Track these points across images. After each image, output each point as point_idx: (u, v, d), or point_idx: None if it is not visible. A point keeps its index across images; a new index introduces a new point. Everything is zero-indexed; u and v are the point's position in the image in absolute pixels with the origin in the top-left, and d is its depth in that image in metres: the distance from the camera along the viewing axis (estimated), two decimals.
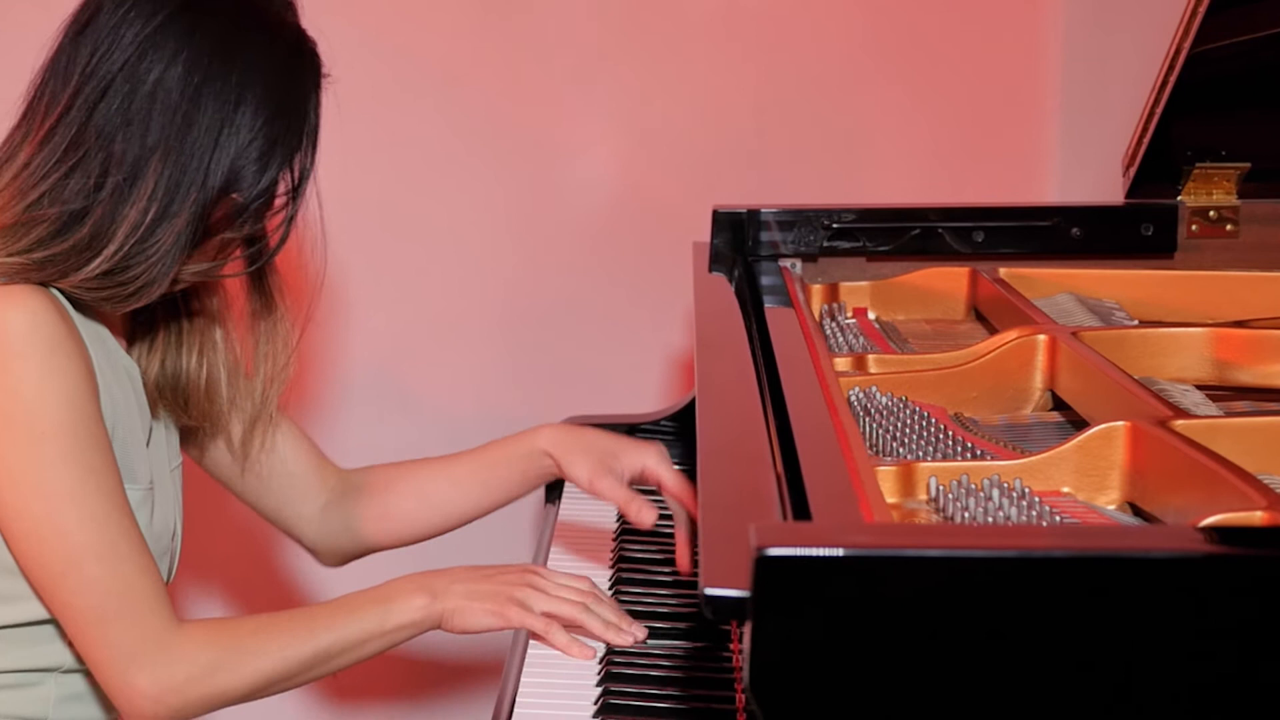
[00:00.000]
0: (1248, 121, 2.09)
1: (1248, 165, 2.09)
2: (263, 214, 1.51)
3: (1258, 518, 1.15)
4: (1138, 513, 1.36)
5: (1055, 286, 2.04)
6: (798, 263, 2.10)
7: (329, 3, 1.60)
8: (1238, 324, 1.87)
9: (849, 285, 2.10)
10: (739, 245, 2.09)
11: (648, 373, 2.58)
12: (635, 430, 2.12)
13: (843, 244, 2.11)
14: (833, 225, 2.10)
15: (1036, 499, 1.31)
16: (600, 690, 1.45)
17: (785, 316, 1.79)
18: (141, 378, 1.60)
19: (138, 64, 1.45)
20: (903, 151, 2.57)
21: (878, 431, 1.52)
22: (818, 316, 2.02)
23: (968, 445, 1.47)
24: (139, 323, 1.61)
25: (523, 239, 2.54)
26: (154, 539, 1.56)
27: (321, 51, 1.55)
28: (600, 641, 1.53)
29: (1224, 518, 1.17)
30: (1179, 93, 1.97)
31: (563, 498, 2.01)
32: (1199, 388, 1.65)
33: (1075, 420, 1.61)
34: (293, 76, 1.50)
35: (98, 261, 1.44)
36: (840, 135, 2.56)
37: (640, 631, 1.54)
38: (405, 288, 2.54)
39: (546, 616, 1.52)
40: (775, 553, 0.92)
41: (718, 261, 2.09)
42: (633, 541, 1.84)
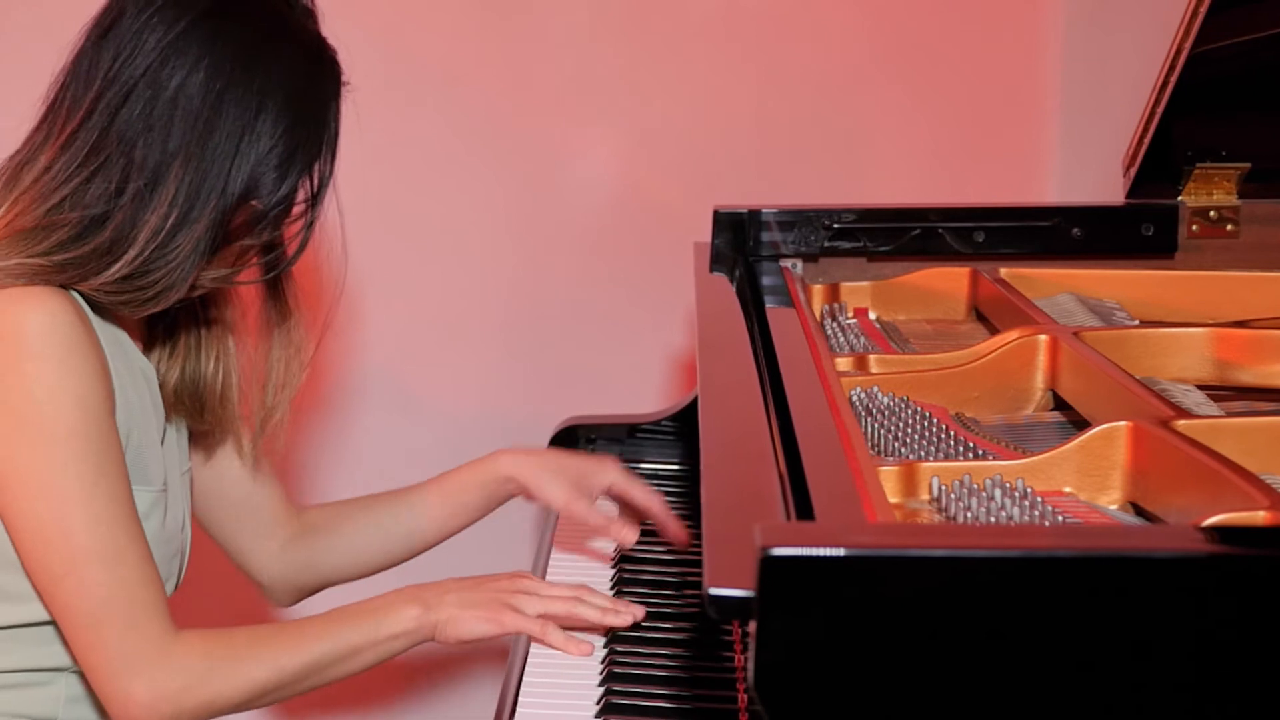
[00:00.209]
0: (1248, 122, 2.09)
1: (1248, 165, 2.09)
2: (281, 221, 1.52)
3: (1260, 517, 1.15)
4: (1140, 513, 1.36)
5: (1056, 287, 2.04)
6: (799, 263, 2.10)
7: (329, 4, 1.60)
8: (1238, 324, 1.87)
9: (850, 285, 2.11)
10: (740, 245, 2.10)
11: (648, 373, 2.58)
12: (636, 430, 2.13)
13: (843, 244, 2.11)
14: (833, 225, 2.11)
15: (1039, 499, 1.31)
16: (602, 690, 1.45)
17: (786, 317, 1.79)
18: (159, 381, 1.60)
19: (160, 69, 1.45)
20: (903, 151, 2.57)
21: (879, 431, 1.52)
22: (819, 317, 2.02)
23: (969, 445, 1.48)
24: (159, 328, 1.61)
25: (523, 239, 2.54)
26: (166, 540, 1.56)
27: (338, 59, 1.56)
28: (601, 631, 1.53)
29: (1226, 517, 1.17)
30: (1180, 93, 1.98)
31: None
32: (1200, 388, 1.65)
33: (1076, 420, 1.61)
34: (313, 85, 1.51)
35: (118, 266, 1.45)
36: (840, 135, 2.56)
37: (638, 610, 1.54)
38: (406, 288, 2.54)
39: (541, 618, 1.53)
40: (780, 553, 0.92)
41: (719, 262, 2.09)
42: (635, 541, 1.84)
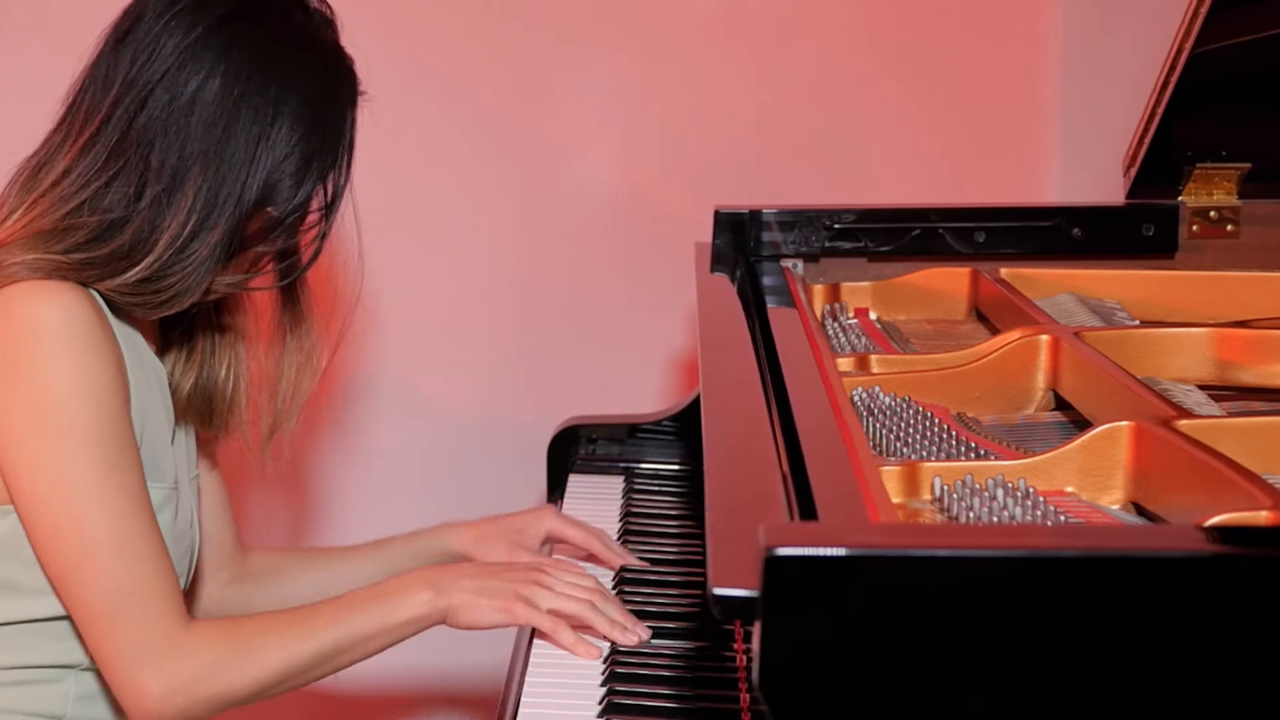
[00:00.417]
0: (1248, 122, 2.10)
1: (1248, 165, 2.09)
2: (296, 229, 1.53)
3: (1262, 517, 1.15)
4: (1141, 512, 1.36)
5: (1056, 287, 2.04)
6: (799, 263, 2.10)
7: (335, 3, 1.61)
8: (1239, 324, 1.88)
9: (850, 285, 2.11)
10: (741, 246, 2.10)
11: (649, 373, 2.58)
12: (637, 430, 2.13)
13: (844, 244, 2.11)
14: (834, 226, 2.11)
15: (1041, 499, 1.32)
16: (605, 690, 1.45)
17: (788, 317, 1.79)
18: (172, 385, 1.61)
19: (177, 74, 1.46)
20: (903, 151, 2.57)
21: (881, 432, 1.53)
22: (819, 317, 2.02)
23: (971, 445, 1.48)
24: (173, 333, 1.62)
25: (524, 240, 2.54)
26: (177, 537, 1.57)
27: (354, 69, 1.57)
28: (606, 640, 1.53)
29: (1229, 517, 1.17)
30: (1180, 93, 1.98)
31: (565, 498, 2.02)
32: (1201, 388, 1.66)
33: (1078, 420, 1.62)
34: (329, 93, 1.52)
35: (137, 269, 1.46)
36: (841, 135, 2.56)
37: (645, 632, 1.54)
38: (407, 289, 2.54)
39: (553, 614, 1.53)
40: (785, 553, 0.92)
41: (720, 262, 2.10)
42: (636, 542, 1.84)
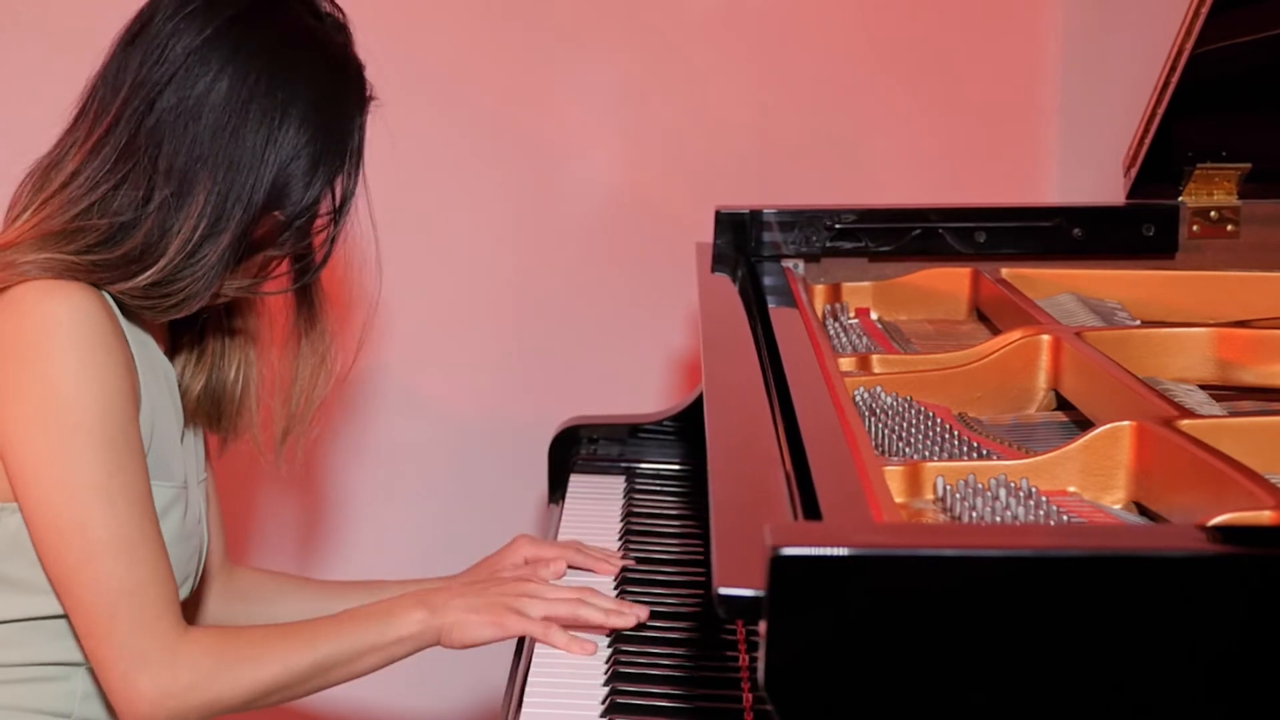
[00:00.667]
0: (1248, 122, 2.10)
1: (1248, 166, 2.09)
2: (305, 232, 1.53)
3: (1265, 517, 1.15)
4: (1143, 512, 1.36)
5: (1057, 287, 2.04)
6: (800, 263, 2.10)
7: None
8: (1239, 324, 1.88)
9: (851, 285, 2.11)
10: (742, 246, 2.10)
11: (649, 373, 2.58)
12: (638, 430, 2.13)
13: (845, 244, 2.11)
14: (835, 226, 2.11)
15: (1044, 498, 1.32)
16: (607, 690, 1.46)
17: (789, 317, 1.79)
18: (182, 386, 1.61)
19: (185, 76, 1.46)
20: (903, 151, 2.57)
21: (883, 431, 1.53)
22: (820, 317, 2.03)
23: (973, 445, 1.48)
24: (184, 335, 1.63)
25: (525, 240, 2.54)
26: (185, 537, 1.57)
27: (364, 73, 1.57)
28: (604, 631, 1.53)
29: (1231, 517, 1.17)
30: (1180, 94, 1.98)
31: (566, 498, 2.02)
32: (1202, 388, 1.66)
33: (1079, 420, 1.62)
34: (337, 96, 1.52)
35: (148, 274, 1.46)
36: (841, 135, 2.56)
37: (642, 611, 1.54)
38: (408, 289, 2.53)
39: (545, 620, 1.53)
40: (791, 552, 0.92)
41: (721, 262, 2.10)
42: (638, 541, 1.84)
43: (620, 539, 1.86)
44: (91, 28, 1.56)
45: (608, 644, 1.53)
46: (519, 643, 1.58)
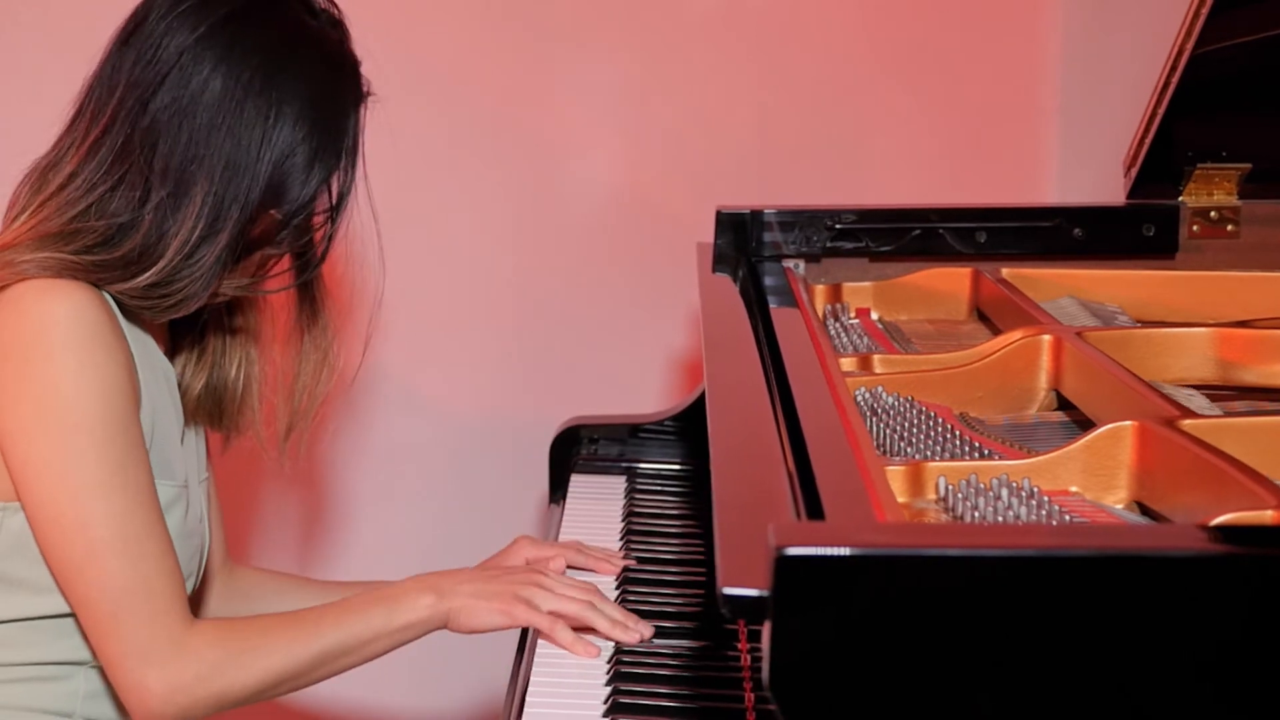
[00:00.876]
0: (1248, 122, 2.10)
1: (1248, 166, 2.10)
2: (303, 230, 1.53)
3: (1267, 516, 1.15)
4: (1145, 512, 1.36)
5: (1057, 287, 2.05)
6: (801, 263, 2.11)
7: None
8: (1240, 324, 1.88)
9: (852, 286, 2.11)
10: (742, 246, 2.10)
11: (649, 373, 2.58)
12: (638, 430, 2.13)
13: (845, 244, 2.11)
14: (835, 226, 2.11)
15: (1046, 498, 1.32)
16: (610, 689, 1.46)
17: (790, 317, 1.79)
18: (182, 386, 1.61)
19: (179, 75, 1.46)
20: (903, 151, 2.57)
21: (885, 431, 1.53)
22: (821, 317, 2.03)
23: (975, 445, 1.48)
24: (185, 336, 1.63)
25: (525, 240, 2.54)
26: (187, 536, 1.57)
27: (360, 70, 1.57)
28: (607, 640, 1.53)
29: (1234, 517, 1.17)
30: (1181, 94, 1.98)
31: (567, 498, 2.02)
32: (1203, 388, 1.66)
33: (1080, 420, 1.62)
34: (332, 93, 1.52)
35: (148, 275, 1.46)
36: (841, 135, 2.56)
37: (647, 629, 1.54)
38: (408, 289, 2.53)
39: (552, 615, 1.53)
40: (795, 552, 0.92)
41: (721, 262, 2.10)
42: (639, 541, 1.84)
43: (621, 539, 1.86)
44: (91, 28, 1.56)
45: (611, 644, 1.53)
46: (520, 642, 1.58)
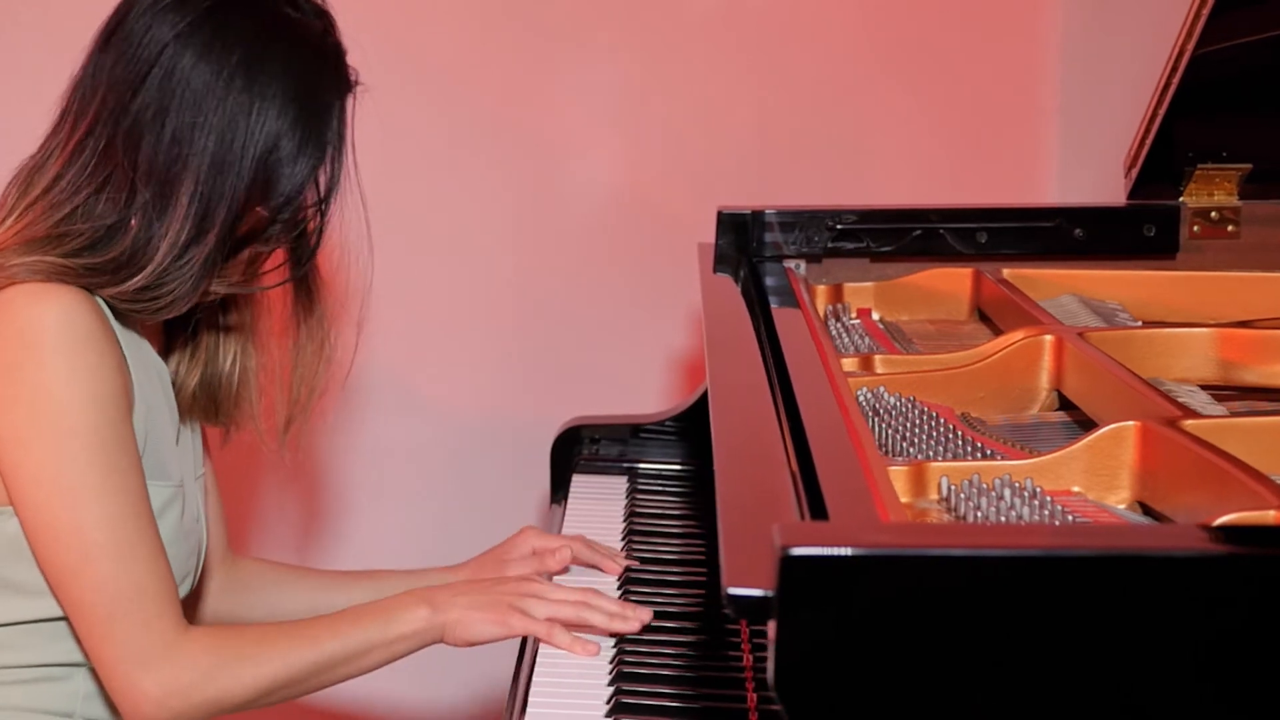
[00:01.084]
0: (1249, 123, 2.10)
1: (1249, 166, 2.10)
2: (292, 225, 1.52)
3: (1270, 516, 1.15)
4: (1148, 512, 1.36)
5: (1058, 287, 2.05)
6: (802, 263, 2.11)
7: (332, 3, 1.60)
8: (1241, 324, 1.88)
9: (853, 286, 2.11)
10: (743, 246, 2.10)
11: (650, 373, 2.58)
12: (639, 430, 2.13)
13: (846, 245, 2.11)
14: (836, 226, 2.11)
15: (1048, 498, 1.32)
16: (612, 690, 1.46)
17: (792, 317, 1.79)
18: (177, 383, 1.61)
19: (159, 74, 1.45)
20: (903, 152, 2.58)
21: (887, 432, 1.53)
22: (822, 317, 2.03)
23: (977, 445, 1.48)
24: (178, 332, 1.62)
25: (526, 240, 2.54)
26: (184, 536, 1.57)
27: (344, 60, 1.55)
28: (608, 635, 1.53)
29: (1236, 517, 1.17)
30: (1181, 94, 1.98)
31: (569, 498, 2.02)
32: (1204, 388, 1.66)
33: (1081, 420, 1.62)
34: (314, 86, 1.50)
35: (138, 278, 1.45)
36: (841, 136, 2.56)
37: (646, 614, 1.54)
38: (409, 289, 2.54)
39: (549, 621, 1.53)
40: (800, 552, 0.93)
41: (722, 262, 2.10)
42: (641, 541, 1.84)
43: (623, 539, 1.86)
44: (91, 28, 1.55)
45: (612, 644, 1.54)
46: (522, 642, 1.58)
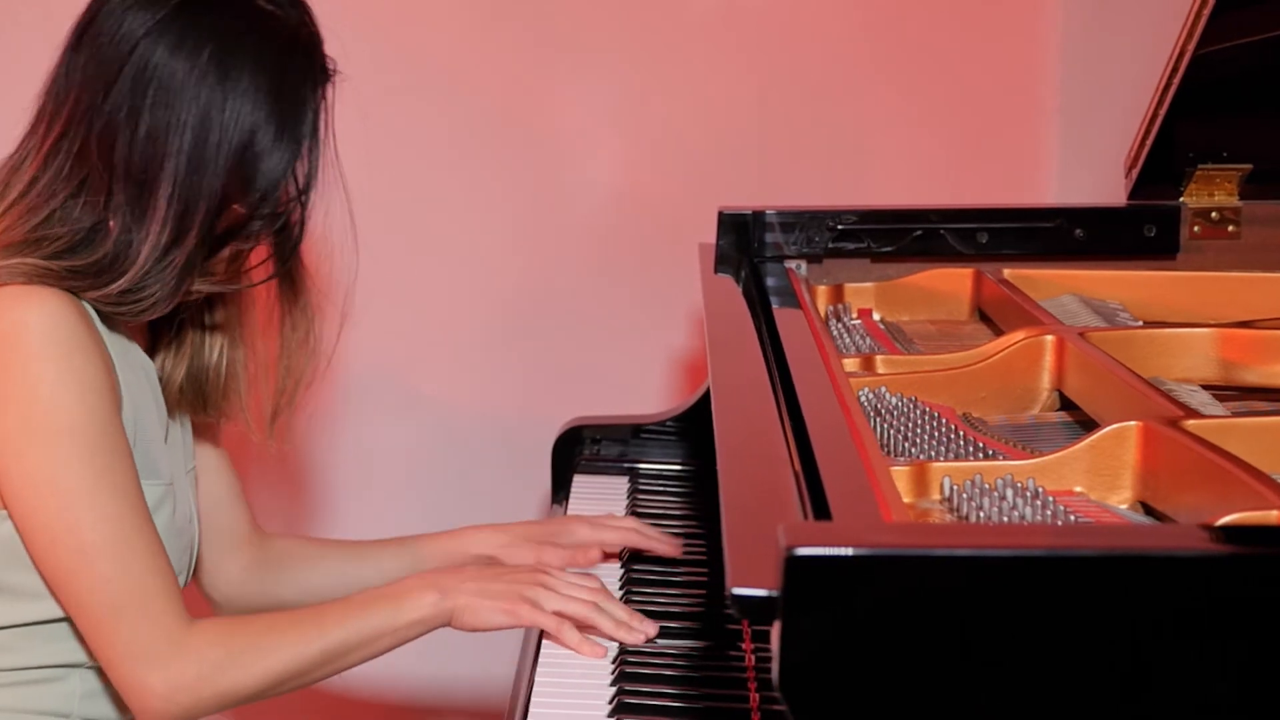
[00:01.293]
0: (1249, 123, 2.10)
1: (1249, 167, 2.10)
2: (271, 220, 1.50)
3: (1273, 516, 1.15)
4: (1150, 512, 1.36)
5: (1059, 288, 2.05)
6: (802, 264, 2.11)
7: (334, 5, 1.60)
8: (1242, 324, 1.88)
9: (854, 286, 2.11)
10: (744, 247, 2.10)
11: (650, 373, 2.58)
12: (641, 430, 2.13)
13: (847, 245, 2.12)
14: (837, 227, 2.11)
15: (1050, 498, 1.32)
16: (615, 690, 1.46)
17: (793, 317, 1.80)
18: (163, 379, 1.60)
19: (131, 70, 1.44)
20: (903, 153, 2.58)
21: (889, 432, 1.53)
22: (823, 317, 2.03)
23: (979, 445, 1.48)
24: (164, 330, 1.61)
25: (525, 241, 2.54)
26: (176, 533, 1.57)
27: (316, 49, 1.53)
28: (612, 640, 1.53)
29: (1239, 517, 1.17)
30: (1182, 94, 1.99)
31: (570, 499, 2.02)
32: (1205, 388, 1.66)
33: (1083, 420, 1.62)
34: (288, 76, 1.48)
35: (121, 281, 1.45)
36: (841, 136, 2.57)
37: (651, 628, 1.54)
38: (409, 289, 2.54)
39: (557, 615, 1.53)
40: (805, 552, 0.93)
41: (723, 263, 2.10)
42: None
43: None
44: None
45: (615, 644, 1.54)
46: (525, 642, 1.58)
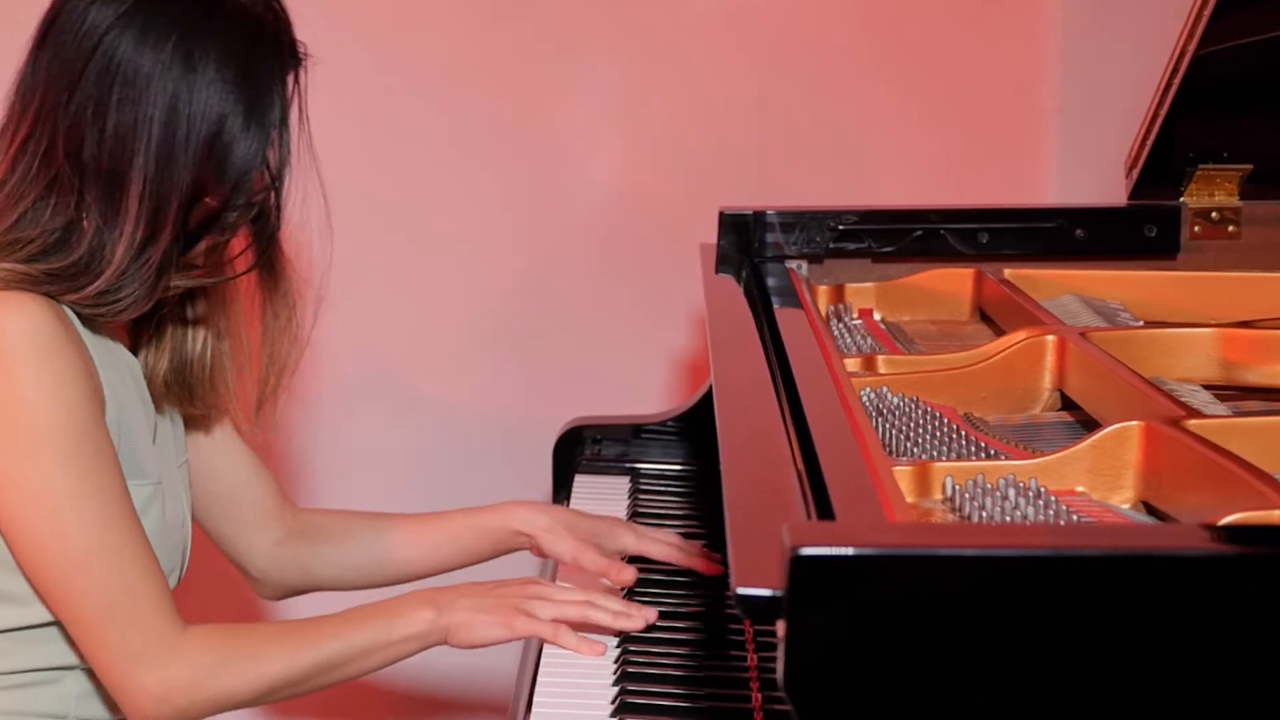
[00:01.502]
0: (1250, 123, 2.10)
1: (1250, 167, 2.10)
2: (245, 211, 1.49)
3: (1275, 516, 1.15)
4: (1152, 512, 1.37)
5: (1059, 288, 2.05)
6: (803, 264, 2.11)
7: (334, 6, 1.59)
8: (1242, 324, 1.89)
9: (854, 286, 2.11)
10: (745, 247, 2.10)
11: (650, 373, 2.58)
12: (641, 431, 2.13)
13: (848, 245, 2.12)
14: (838, 227, 2.11)
15: (1053, 498, 1.32)
16: (617, 690, 1.46)
17: (794, 318, 1.80)
18: (147, 374, 1.59)
19: (96, 66, 1.43)
20: (904, 153, 2.58)
21: (891, 432, 1.53)
22: (824, 317, 2.03)
23: (980, 445, 1.48)
24: (144, 325, 1.60)
25: (526, 241, 2.55)
26: (166, 533, 1.56)
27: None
28: (613, 633, 1.54)
29: (1241, 516, 1.17)
30: (1182, 95, 1.99)
31: (571, 499, 2.03)
32: (1206, 388, 1.66)
33: (1084, 420, 1.62)
34: (255, 63, 1.46)
35: (98, 282, 1.44)
36: (841, 136, 2.57)
37: (651, 614, 1.54)
38: (409, 289, 2.54)
39: (553, 622, 1.53)
40: (810, 552, 0.93)
41: (724, 263, 2.10)
42: None
43: None
44: None
45: (616, 644, 1.54)
46: (527, 643, 1.58)
